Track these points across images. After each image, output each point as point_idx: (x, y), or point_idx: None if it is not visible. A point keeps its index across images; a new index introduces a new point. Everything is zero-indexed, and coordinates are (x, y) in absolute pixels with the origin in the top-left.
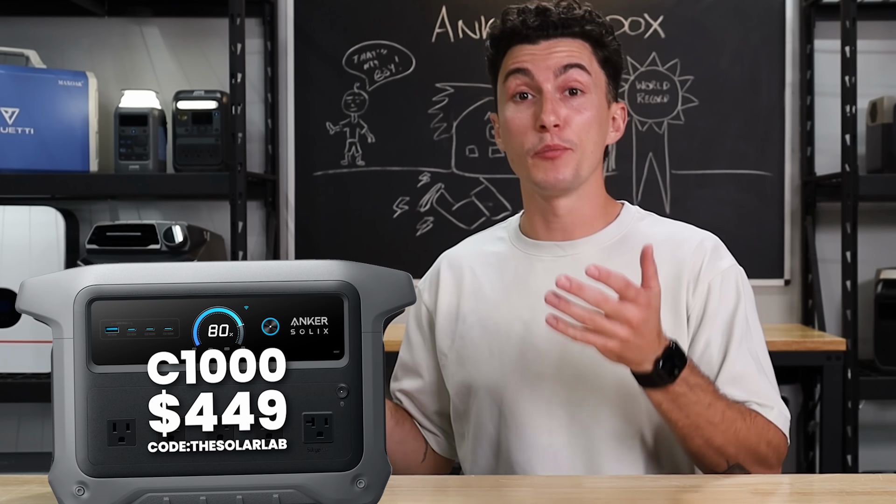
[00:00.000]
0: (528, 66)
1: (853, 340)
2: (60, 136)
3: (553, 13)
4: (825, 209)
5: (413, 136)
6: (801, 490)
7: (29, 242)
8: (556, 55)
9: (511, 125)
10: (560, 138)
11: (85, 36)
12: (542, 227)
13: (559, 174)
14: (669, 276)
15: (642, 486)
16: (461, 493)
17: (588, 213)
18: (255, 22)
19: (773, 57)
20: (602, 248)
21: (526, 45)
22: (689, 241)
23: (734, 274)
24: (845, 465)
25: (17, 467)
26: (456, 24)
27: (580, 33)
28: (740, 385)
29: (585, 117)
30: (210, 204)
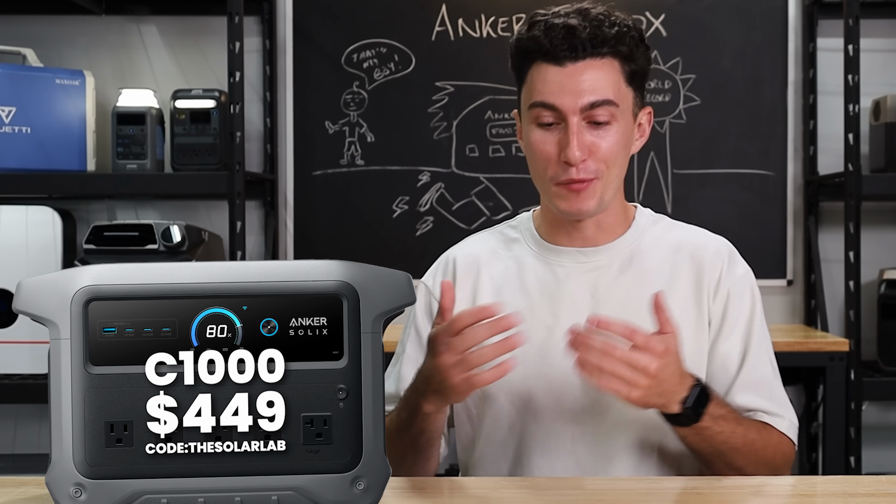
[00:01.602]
0: (552, 101)
1: (856, 341)
2: (57, 135)
3: (582, 33)
4: (828, 209)
5: (413, 136)
6: (803, 492)
7: (26, 242)
8: (584, 88)
9: (535, 149)
10: (586, 171)
11: (82, 34)
12: (564, 235)
13: (583, 206)
14: (690, 282)
15: (644, 488)
16: (460, 494)
17: (610, 221)
18: (253, 20)
19: (776, 55)
20: (622, 256)
21: (551, 65)
22: (707, 246)
23: (750, 280)
24: (848, 466)
25: (14, 469)
26: (456, 23)
27: (610, 52)
28: (757, 391)
29: (611, 144)
30: (208, 204)
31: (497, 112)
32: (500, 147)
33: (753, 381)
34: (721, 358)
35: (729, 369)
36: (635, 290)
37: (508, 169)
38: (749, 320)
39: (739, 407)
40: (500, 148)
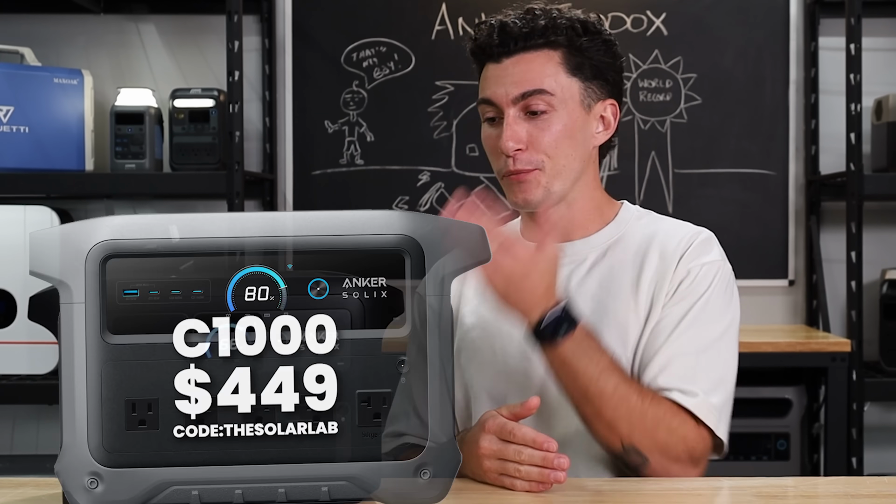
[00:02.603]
0: (488, 96)
1: (858, 341)
2: (56, 134)
3: (513, 28)
4: (830, 208)
5: (413, 135)
6: (805, 493)
7: (23, 242)
8: (515, 80)
9: (485, 146)
10: (524, 161)
11: (81, 33)
12: (539, 232)
13: (528, 195)
14: (657, 271)
15: (645, 489)
16: (459, 496)
17: (581, 217)
18: (252, 19)
19: (777, 54)
20: (598, 249)
21: (491, 63)
22: (678, 234)
23: (716, 268)
24: (850, 468)
25: (12, 470)
26: (456, 21)
27: (544, 44)
28: (667, 368)
29: (552, 134)
30: (207, 203)
31: None
32: None
33: (669, 357)
34: (656, 325)
35: (656, 341)
36: (605, 282)
37: None
38: (698, 300)
39: (651, 379)
40: None
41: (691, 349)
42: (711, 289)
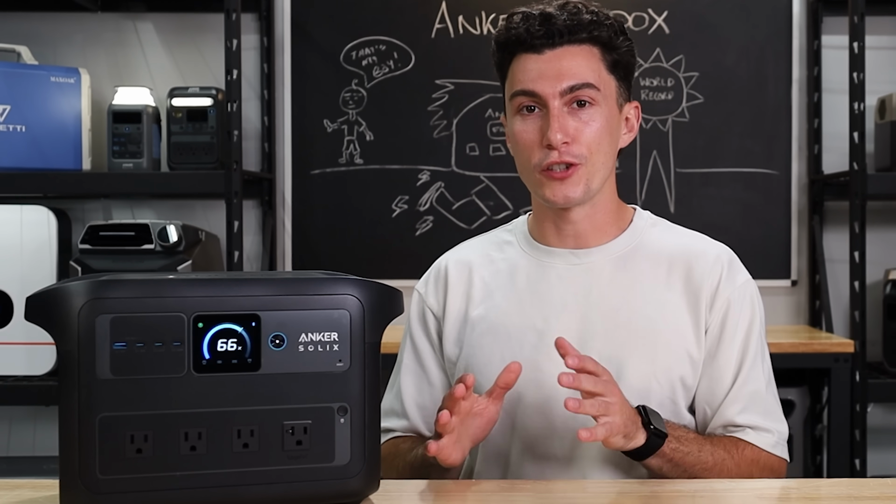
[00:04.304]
0: (532, 88)
1: (861, 342)
2: (52, 133)
3: (558, 20)
4: (833, 208)
5: (412, 134)
6: (808, 495)
7: (20, 242)
8: (563, 73)
9: (518, 138)
10: (569, 154)
11: (78, 32)
12: (554, 234)
13: (569, 192)
14: (687, 290)
15: (646, 491)
16: (459, 498)
17: (601, 220)
18: (251, 17)
19: (780, 53)
20: (616, 258)
21: (531, 54)
22: (705, 253)
23: (750, 290)
24: (853, 469)
25: (9, 471)
26: (456, 20)
27: (588, 39)
28: (749, 406)
29: (594, 129)
30: (205, 203)
31: (498, 110)
32: (501, 146)
33: (746, 395)
34: (717, 370)
35: (723, 381)
36: (628, 294)
37: (509, 168)
38: (748, 331)
39: (728, 420)
40: (500, 147)
41: (761, 384)
42: (753, 314)
